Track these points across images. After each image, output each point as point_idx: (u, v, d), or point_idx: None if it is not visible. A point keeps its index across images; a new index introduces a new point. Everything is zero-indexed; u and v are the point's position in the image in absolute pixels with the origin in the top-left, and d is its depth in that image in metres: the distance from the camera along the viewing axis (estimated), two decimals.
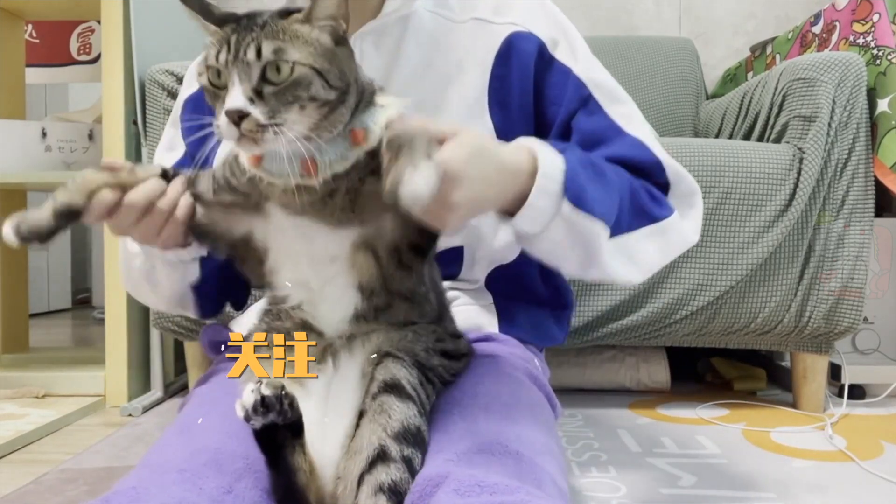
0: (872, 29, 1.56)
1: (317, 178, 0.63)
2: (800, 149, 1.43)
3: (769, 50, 2.08)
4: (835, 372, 1.59)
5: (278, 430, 0.60)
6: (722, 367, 1.79)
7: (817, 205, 1.44)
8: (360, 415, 0.63)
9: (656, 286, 1.44)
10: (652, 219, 0.76)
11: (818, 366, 1.51)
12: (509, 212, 0.67)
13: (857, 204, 1.45)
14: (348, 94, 0.63)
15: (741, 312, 1.45)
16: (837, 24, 1.71)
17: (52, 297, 3.16)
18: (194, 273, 0.82)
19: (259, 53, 0.58)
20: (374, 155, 0.63)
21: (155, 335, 1.65)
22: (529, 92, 0.85)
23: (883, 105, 1.45)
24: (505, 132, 0.83)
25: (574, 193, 0.67)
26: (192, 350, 1.58)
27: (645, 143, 0.80)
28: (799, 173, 1.42)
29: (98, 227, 0.85)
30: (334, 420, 0.64)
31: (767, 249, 1.42)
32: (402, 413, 0.62)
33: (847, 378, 1.56)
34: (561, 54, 0.85)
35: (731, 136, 1.74)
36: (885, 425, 1.40)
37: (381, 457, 0.59)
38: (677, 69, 2.22)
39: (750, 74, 2.17)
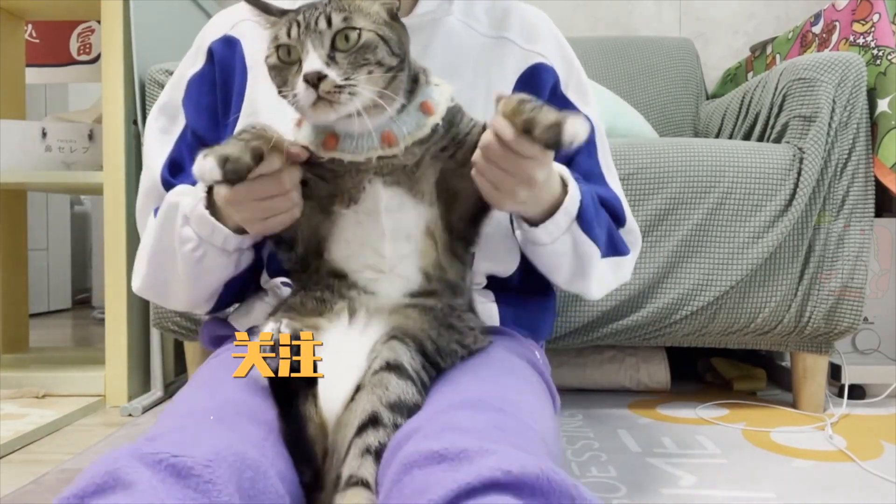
0: (872, 29, 1.56)
1: (398, 147, 0.69)
2: (800, 149, 1.43)
3: (769, 50, 2.08)
4: (835, 372, 1.59)
5: (291, 378, 0.60)
6: (722, 367, 1.79)
7: (817, 205, 1.44)
8: (358, 389, 0.63)
9: (656, 286, 1.43)
10: (618, 252, 0.94)
11: (818, 366, 1.51)
12: (532, 221, 0.80)
13: (857, 204, 1.45)
14: (405, 64, 0.69)
15: (741, 312, 1.45)
16: (837, 24, 1.71)
17: (52, 297, 3.16)
18: (248, 259, 0.84)
19: (329, 22, 0.65)
20: (444, 132, 0.72)
21: (155, 335, 1.65)
22: None
23: (883, 105, 1.45)
24: None
25: (584, 220, 0.82)
26: (192, 350, 1.58)
27: (620, 197, 0.97)
28: (799, 173, 1.42)
29: (98, 228, 0.84)
30: (345, 377, 0.64)
31: (767, 249, 1.42)
32: (399, 388, 0.63)
33: (847, 378, 1.56)
34: (571, 93, 0.95)
35: (731, 136, 1.74)
36: (885, 425, 1.40)
37: (372, 421, 0.60)
38: (677, 69, 2.22)
39: (750, 74, 2.17)
